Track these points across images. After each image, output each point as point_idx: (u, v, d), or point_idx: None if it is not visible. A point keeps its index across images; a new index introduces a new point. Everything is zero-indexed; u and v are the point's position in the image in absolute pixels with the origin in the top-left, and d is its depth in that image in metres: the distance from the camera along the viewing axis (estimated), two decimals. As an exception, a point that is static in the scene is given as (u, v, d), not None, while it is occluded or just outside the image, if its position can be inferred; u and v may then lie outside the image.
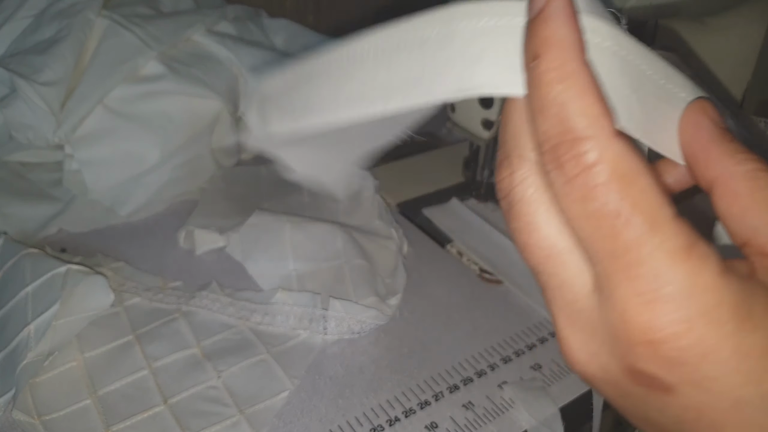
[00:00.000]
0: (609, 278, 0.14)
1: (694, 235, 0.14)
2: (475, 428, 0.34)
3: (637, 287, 0.14)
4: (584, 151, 0.14)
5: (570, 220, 0.15)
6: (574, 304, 0.15)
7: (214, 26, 0.56)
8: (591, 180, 0.14)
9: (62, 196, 0.50)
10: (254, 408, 0.34)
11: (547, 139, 0.14)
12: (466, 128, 0.49)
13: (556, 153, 0.14)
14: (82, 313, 0.37)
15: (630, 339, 0.14)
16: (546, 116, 0.14)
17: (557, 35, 0.14)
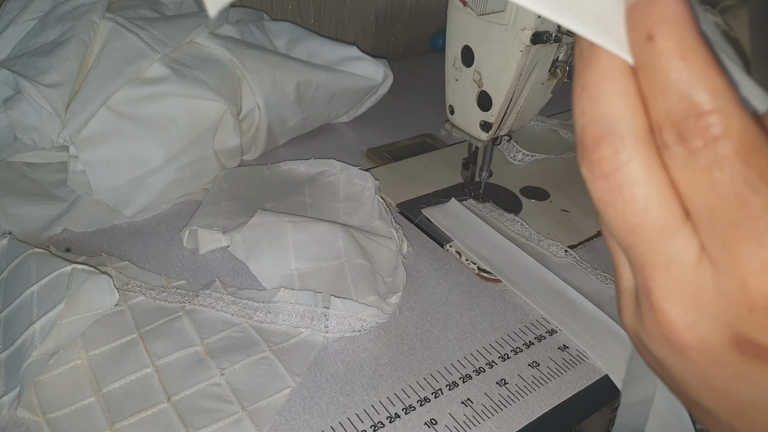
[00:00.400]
0: (730, 247, 0.14)
1: None
2: (474, 425, 0.35)
3: (763, 254, 0.14)
4: (710, 125, 0.14)
5: (691, 193, 0.15)
6: (679, 277, 0.16)
7: (216, 29, 0.57)
8: (718, 151, 0.14)
9: (67, 197, 0.51)
10: (257, 405, 0.35)
11: (669, 115, 0.14)
12: (464, 130, 0.50)
13: (679, 128, 0.14)
14: (87, 311, 0.38)
15: (748, 305, 0.14)
16: (668, 94, 0.14)
17: (672, 13, 0.14)
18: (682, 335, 0.16)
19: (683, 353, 0.17)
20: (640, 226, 0.16)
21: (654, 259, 0.16)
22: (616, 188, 0.15)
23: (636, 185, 0.15)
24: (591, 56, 0.16)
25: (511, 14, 0.40)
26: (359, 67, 0.65)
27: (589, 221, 0.53)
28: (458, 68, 0.46)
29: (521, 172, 0.60)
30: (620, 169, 0.15)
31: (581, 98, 0.16)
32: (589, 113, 0.16)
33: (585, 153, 0.16)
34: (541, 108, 0.48)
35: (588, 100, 0.16)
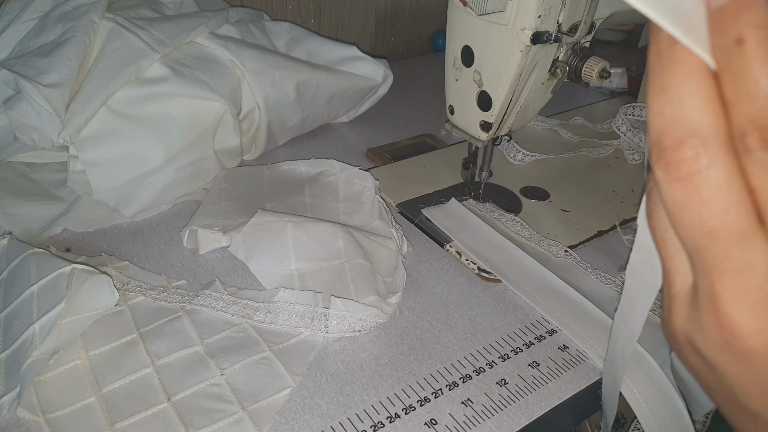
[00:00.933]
0: None
1: None
2: (474, 425, 0.35)
3: None
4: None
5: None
6: (749, 283, 0.16)
7: (216, 29, 0.57)
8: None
9: (67, 197, 0.51)
10: (257, 405, 0.35)
11: (755, 120, 0.14)
12: (464, 130, 0.50)
13: (765, 133, 0.14)
14: (87, 312, 0.38)
15: None
16: (756, 99, 0.14)
17: (764, 18, 0.14)
18: (747, 340, 0.16)
19: (746, 358, 0.17)
20: (716, 229, 0.16)
21: (725, 263, 0.16)
22: (695, 190, 0.15)
23: (716, 189, 0.15)
24: (672, 57, 0.16)
25: (511, 14, 0.40)
26: (359, 67, 0.65)
27: (589, 221, 0.53)
28: (458, 68, 0.46)
29: (521, 172, 0.60)
30: (701, 171, 0.15)
31: (660, 99, 0.16)
32: (669, 114, 0.16)
33: (663, 154, 0.16)
34: (541, 108, 0.48)
35: (668, 101, 0.16)
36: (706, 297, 0.17)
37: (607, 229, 0.53)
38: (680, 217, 0.16)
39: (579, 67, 0.43)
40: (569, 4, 0.40)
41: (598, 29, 0.45)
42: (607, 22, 0.47)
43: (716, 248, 0.16)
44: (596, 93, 0.83)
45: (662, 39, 0.16)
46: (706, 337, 0.18)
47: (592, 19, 0.43)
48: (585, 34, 0.43)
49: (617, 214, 0.55)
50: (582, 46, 0.44)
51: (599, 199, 0.57)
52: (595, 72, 0.43)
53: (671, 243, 0.19)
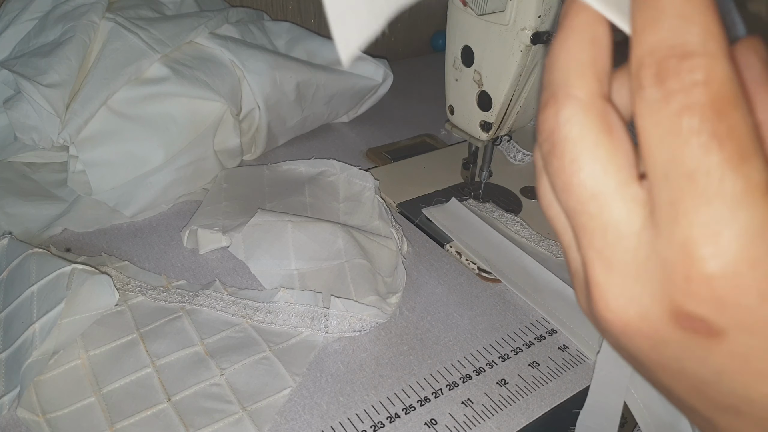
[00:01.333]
0: (676, 204, 0.13)
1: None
2: (474, 425, 0.35)
3: (707, 215, 0.13)
4: (693, 67, 0.13)
5: (653, 142, 0.14)
6: (616, 245, 0.14)
7: (216, 29, 0.57)
8: (693, 97, 0.13)
9: (67, 197, 0.51)
10: (257, 405, 0.35)
11: (652, 52, 0.13)
12: (464, 130, 0.50)
13: (660, 67, 0.13)
14: (87, 312, 0.38)
15: (686, 274, 0.13)
16: (658, 27, 0.13)
17: None
18: (620, 313, 0.15)
19: (626, 333, 0.15)
20: (571, 185, 0.15)
21: (589, 223, 0.15)
22: (552, 148, 0.15)
23: (571, 143, 0.15)
24: (565, 21, 0.15)
25: (511, 14, 0.40)
26: (359, 67, 0.65)
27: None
28: (458, 68, 0.46)
29: (521, 172, 0.60)
30: (557, 128, 0.15)
31: (548, 67, 0.16)
32: (546, 78, 0.16)
33: (537, 116, 0.16)
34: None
35: (548, 66, 0.16)
36: (581, 267, 0.16)
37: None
38: (555, 182, 0.15)
39: (579, 67, 0.43)
40: (569, 4, 0.40)
41: (598, 29, 0.45)
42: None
43: (582, 207, 0.15)
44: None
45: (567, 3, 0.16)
46: (593, 316, 0.16)
47: (592, 19, 0.43)
48: (585, 34, 0.43)
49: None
50: (582, 46, 0.44)
51: (599, 199, 0.57)
52: (595, 72, 0.43)
53: (557, 218, 0.17)
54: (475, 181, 0.55)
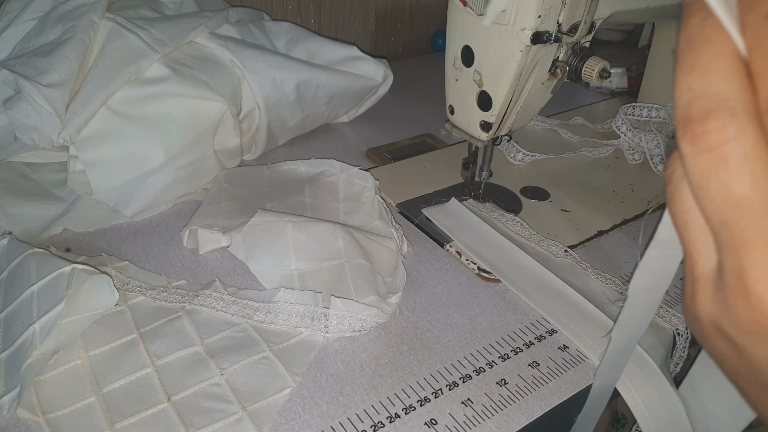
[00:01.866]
0: None
1: None
2: (474, 425, 0.35)
3: None
4: None
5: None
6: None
7: (216, 29, 0.57)
8: None
9: (67, 197, 0.51)
10: (257, 405, 0.35)
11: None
12: (464, 130, 0.50)
13: None
14: (87, 311, 0.38)
15: None
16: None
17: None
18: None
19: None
20: (745, 199, 0.15)
21: (755, 236, 0.15)
22: (722, 160, 0.15)
23: (745, 159, 0.15)
24: (703, 38, 0.16)
25: (511, 14, 0.40)
26: (359, 67, 0.65)
27: (589, 221, 0.53)
28: (458, 68, 0.46)
29: (521, 172, 0.60)
30: (729, 141, 0.15)
31: (689, 75, 0.16)
32: (698, 89, 0.16)
33: (689, 126, 0.16)
34: (541, 108, 0.48)
35: (697, 76, 0.16)
36: (733, 274, 0.16)
37: (607, 229, 0.53)
38: (707, 190, 0.16)
39: (579, 67, 0.43)
40: (569, 4, 0.40)
41: (598, 29, 0.45)
42: (607, 22, 0.47)
43: (745, 221, 0.15)
44: (596, 93, 0.83)
45: (693, 24, 0.16)
46: (732, 318, 0.17)
47: (592, 19, 0.43)
48: (585, 34, 0.43)
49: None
50: (582, 46, 0.44)
51: (599, 199, 0.57)
52: (595, 72, 0.43)
53: (693, 224, 0.18)
54: (475, 181, 0.55)
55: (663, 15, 0.56)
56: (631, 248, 0.51)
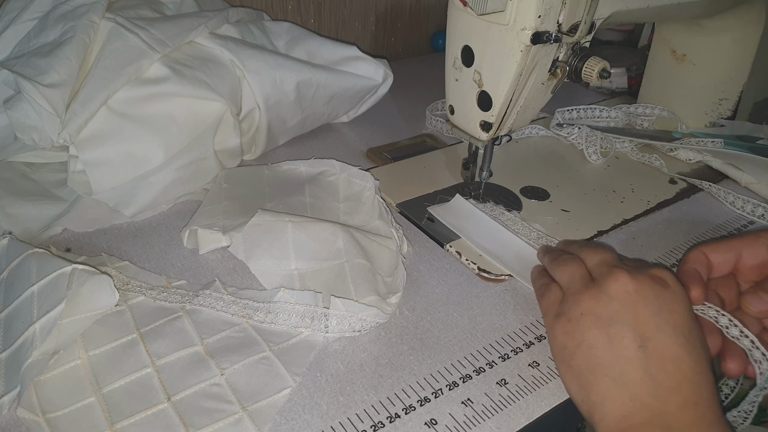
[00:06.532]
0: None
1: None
2: (474, 425, 0.35)
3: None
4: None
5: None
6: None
7: (216, 29, 0.57)
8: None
9: (67, 197, 0.51)
10: (257, 405, 0.35)
11: (555, 273, 0.42)
12: (465, 130, 0.50)
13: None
14: (87, 312, 0.38)
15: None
16: (558, 271, 0.41)
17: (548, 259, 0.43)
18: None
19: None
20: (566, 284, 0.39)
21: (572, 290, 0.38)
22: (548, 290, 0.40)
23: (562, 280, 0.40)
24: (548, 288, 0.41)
25: (511, 14, 0.40)
26: (359, 67, 0.65)
27: (589, 221, 0.53)
28: (458, 68, 0.46)
29: (521, 172, 0.60)
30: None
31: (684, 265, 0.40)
32: (684, 269, 0.39)
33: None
34: (541, 108, 0.48)
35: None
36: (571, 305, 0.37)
37: (607, 229, 0.53)
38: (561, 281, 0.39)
39: (579, 67, 0.43)
40: (569, 4, 0.40)
41: (598, 29, 0.45)
42: (607, 22, 0.47)
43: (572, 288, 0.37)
44: (596, 93, 0.83)
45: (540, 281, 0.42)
46: (567, 317, 0.37)
47: (592, 19, 0.43)
48: (585, 34, 0.43)
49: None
50: (582, 46, 0.44)
51: (599, 199, 0.57)
52: (595, 72, 0.43)
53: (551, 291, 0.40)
54: (475, 181, 0.55)
55: (663, 15, 0.56)
56: (631, 248, 0.51)
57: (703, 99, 0.67)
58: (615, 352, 0.32)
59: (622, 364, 0.32)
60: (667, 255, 0.50)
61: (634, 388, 0.31)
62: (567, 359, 0.34)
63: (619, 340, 0.32)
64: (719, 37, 0.63)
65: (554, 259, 0.41)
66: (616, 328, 0.33)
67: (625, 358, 0.32)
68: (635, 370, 0.32)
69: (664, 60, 0.68)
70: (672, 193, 0.58)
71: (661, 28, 0.68)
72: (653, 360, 0.32)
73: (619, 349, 0.32)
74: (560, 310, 0.36)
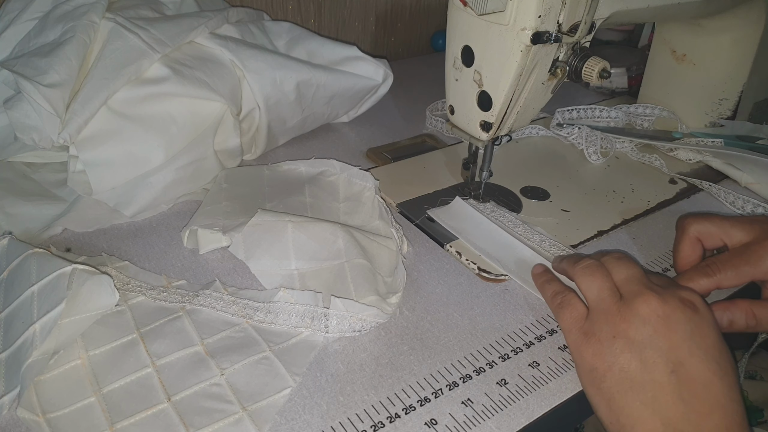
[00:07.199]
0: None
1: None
2: (474, 425, 0.35)
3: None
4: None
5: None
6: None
7: (216, 29, 0.57)
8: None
9: (67, 197, 0.51)
10: (257, 405, 0.35)
11: (571, 276, 0.42)
12: (465, 130, 0.50)
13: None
14: (87, 312, 0.38)
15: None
16: (577, 278, 0.40)
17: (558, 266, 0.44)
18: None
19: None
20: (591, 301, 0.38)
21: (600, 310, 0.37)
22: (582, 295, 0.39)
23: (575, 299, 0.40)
24: (565, 300, 0.40)
25: (511, 14, 0.40)
26: (359, 67, 0.65)
27: (589, 221, 0.53)
28: (458, 68, 0.46)
29: (521, 172, 0.60)
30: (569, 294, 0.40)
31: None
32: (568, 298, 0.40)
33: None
34: (541, 108, 0.48)
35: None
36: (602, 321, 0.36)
37: (607, 229, 0.53)
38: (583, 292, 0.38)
39: (579, 67, 0.43)
40: (569, 4, 0.40)
41: (598, 29, 0.45)
42: (607, 22, 0.47)
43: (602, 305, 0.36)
44: (596, 93, 0.83)
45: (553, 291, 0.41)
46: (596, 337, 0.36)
47: (592, 19, 0.43)
48: (585, 34, 0.43)
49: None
50: (582, 46, 0.44)
51: (599, 199, 0.57)
52: (595, 72, 0.43)
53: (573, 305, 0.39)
54: (476, 181, 0.55)
55: (663, 15, 0.56)
56: (632, 248, 0.51)
57: (703, 99, 0.67)
58: (647, 377, 0.32)
59: (654, 388, 0.32)
60: (667, 255, 0.50)
61: (667, 413, 0.31)
62: (597, 381, 0.34)
63: (652, 365, 0.32)
64: (719, 37, 0.63)
65: (576, 264, 0.39)
66: (648, 353, 0.33)
67: (658, 382, 0.32)
68: (668, 395, 0.31)
69: (664, 60, 0.68)
70: (672, 193, 0.58)
71: (661, 28, 0.68)
72: (686, 385, 0.32)
73: (652, 373, 0.32)
74: (588, 329, 0.36)
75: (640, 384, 0.32)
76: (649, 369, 0.32)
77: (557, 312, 0.39)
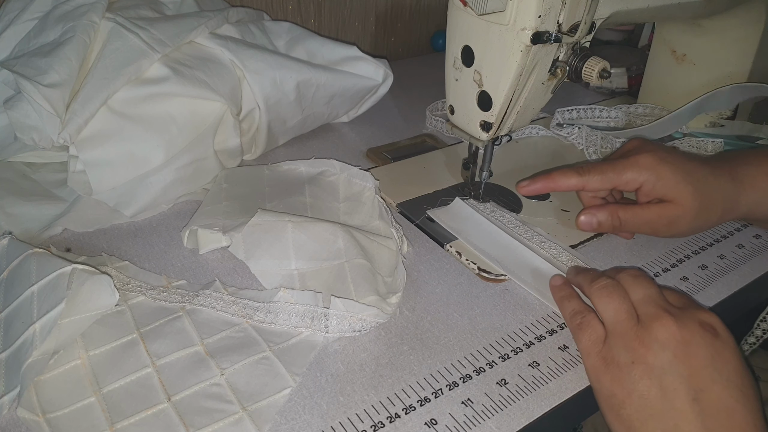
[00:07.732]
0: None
1: None
2: (474, 425, 0.35)
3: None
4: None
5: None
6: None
7: (216, 29, 0.57)
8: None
9: (67, 197, 0.51)
10: (257, 405, 0.35)
11: (589, 294, 0.40)
12: (465, 130, 0.50)
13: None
14: (87, 312, 0.38)
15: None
16: (593, 294, 0.39)
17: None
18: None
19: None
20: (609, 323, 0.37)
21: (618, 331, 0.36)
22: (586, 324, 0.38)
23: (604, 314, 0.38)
24: (585, 321, 0.39)
25: (511, 14, 0.40)
26: (359, 67, 0.65)
27: (589, 221, 0.53)
28: (458, 68, 0.46)
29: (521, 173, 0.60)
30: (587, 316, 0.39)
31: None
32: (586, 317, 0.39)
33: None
34: (541, 108, 0.48)
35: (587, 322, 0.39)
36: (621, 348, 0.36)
37: (607, 229, 0.53)
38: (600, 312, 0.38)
39: (579, 67, 0.43)
40: (569, 4, 0.40)
41: (598, 29, 0.45)
42: (607, 22, 0.47)
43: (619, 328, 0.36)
44: (596, 93, 0.83)
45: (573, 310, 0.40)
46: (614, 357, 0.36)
47: (592, 19, 0.43)
48: (585, 34, 0.43)
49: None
50: (582, 46, 0.44)
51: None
52: (595, 72, 0.43)
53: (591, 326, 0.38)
54: (476, 181, 0.55)
55: (663, 15, 0.56)
56: (631, 248, 0.51)
57: (703, 99, 0.67)
58: (668, 404, 0.32)
59: (676, 416, 0.31)
60: (667, 255, 0.50)
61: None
62: (616, 408, 0.34)
63: (673, 392, 0.32)
64: (719, 37, 0.63)
65: (593, 283, 0.38)
66: (669, 380, 0.32)
67: (680, 410, 0.31)
68: (690, 423, 0.31)
69: (664, 60, 0.68)
70: (672, 193, 0.58)
71: (661, 28, 0.68)
72: (708, 413, 0.31)
73: (673, 400, 0.32)
74: (606, 354, 0.35)
75: (661, 412, 0.32)
76: (669, 396, 0.32)
77: (576, 332, 0.38)
